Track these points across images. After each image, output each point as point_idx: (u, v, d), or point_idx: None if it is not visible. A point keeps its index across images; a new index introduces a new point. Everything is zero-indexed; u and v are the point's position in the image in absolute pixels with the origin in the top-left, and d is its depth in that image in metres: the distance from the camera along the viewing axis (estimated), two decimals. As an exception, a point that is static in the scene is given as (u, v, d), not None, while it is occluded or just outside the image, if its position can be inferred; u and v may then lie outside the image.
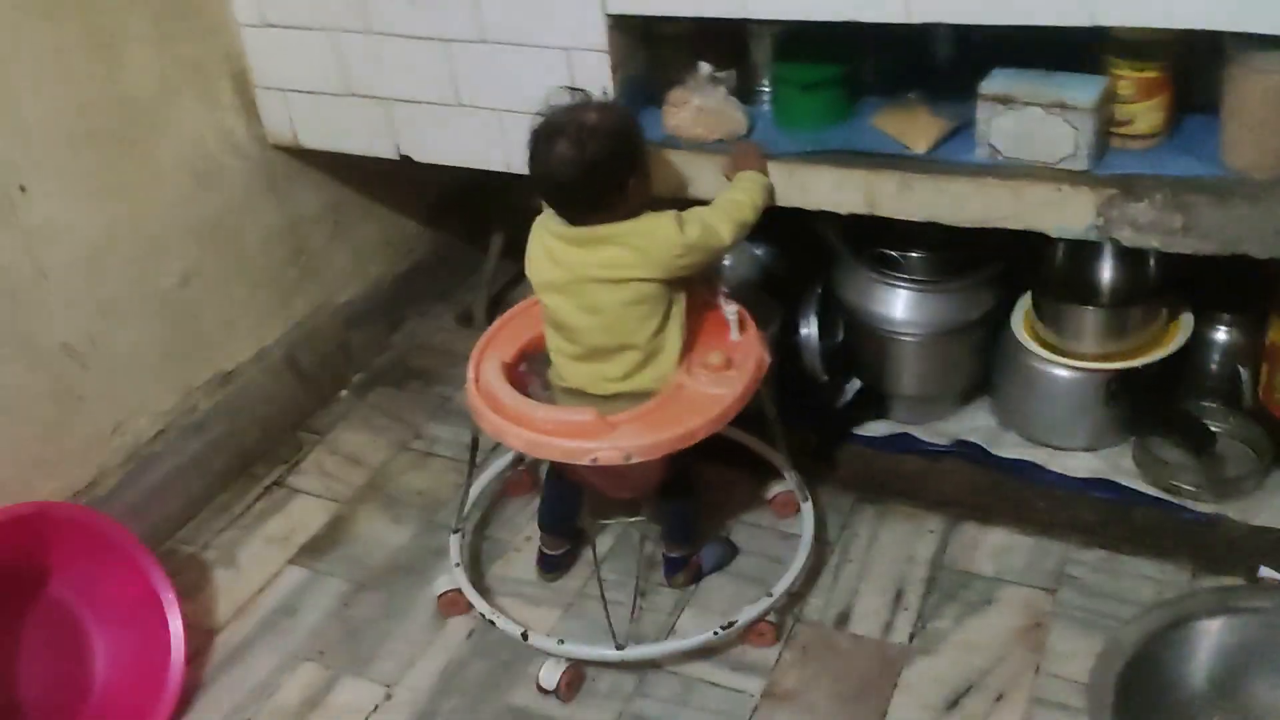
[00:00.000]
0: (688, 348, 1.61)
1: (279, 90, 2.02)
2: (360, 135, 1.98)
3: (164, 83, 1.90)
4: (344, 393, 2.36)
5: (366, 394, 2.35)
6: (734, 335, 1.65)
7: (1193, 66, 1.52)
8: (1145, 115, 1.50)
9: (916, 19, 1.46)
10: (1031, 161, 1.52)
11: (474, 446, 1.78)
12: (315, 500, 2.08)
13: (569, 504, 1.77)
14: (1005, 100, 1.50)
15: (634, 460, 1.49)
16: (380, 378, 2.39)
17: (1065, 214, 1.50)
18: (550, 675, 1.63)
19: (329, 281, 2.33)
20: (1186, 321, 1.75)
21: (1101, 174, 1.49)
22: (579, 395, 1.62)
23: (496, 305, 2.52)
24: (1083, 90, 1.47)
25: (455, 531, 1.85)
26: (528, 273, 1.62)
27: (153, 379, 1.99)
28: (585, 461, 1.50)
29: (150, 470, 1.98)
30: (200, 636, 1.80)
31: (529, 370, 1.72)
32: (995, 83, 1.52)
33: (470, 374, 1.66)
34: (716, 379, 1.57)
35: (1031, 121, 1.49)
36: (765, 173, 1.64)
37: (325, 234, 2.30)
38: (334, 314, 2.33)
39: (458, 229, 2.61)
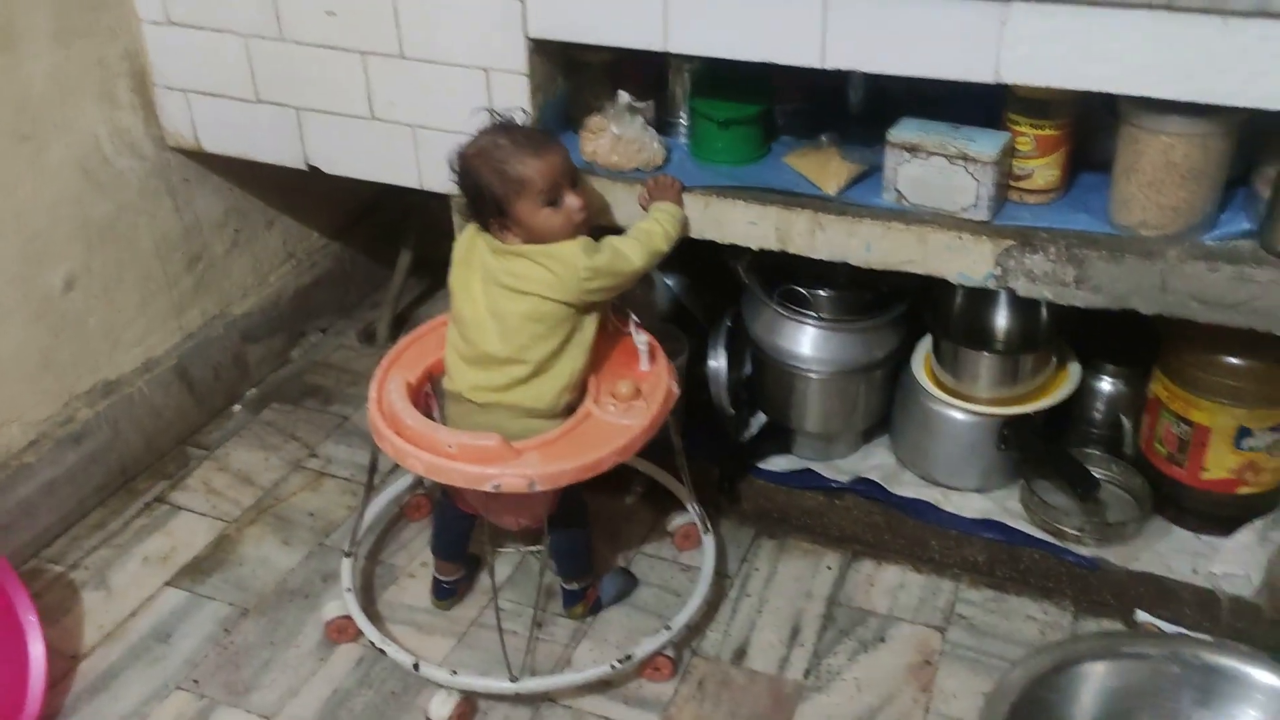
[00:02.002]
0: (595, 374, 1.66)
1: (181, 91, 2.01)
2: (267, 143, 1.98)
3: (60, 78, 1.88)
4: (237, 408, 2.33)
5: (261, 410, 2.33)
6: (644, 365, 1.70)
7: (1090, 125, 1.63)
8: (1043, 171, 1.60)
9: (830, 65, 1.54)
10: (935, 209, 1.61)
11: (372, 467, 1.78)
12: (199, 519, 2.05)
13: (461, 530, 1.79)
14: (912, 149, 1.59)
15: (538, 489, 1.52)
16: (276, 394, 2.38)
17: (966, 262, 1.59)
18: (441, 708, 1.64)
19: (226, 291, 2.31)
20: (1074, 371, 1.85)
21: (1000, 225, 1.58)
22: (459, 401, 1.66)
23: (401, 323, 2.55)
24: (985, 144, 1.56)
25: (347, 555, 1.84)
26: (454, 258, 1.67)
27: (28, 386, 1.94)
28: (487, 488, 1.52)
29: (20, 482, 1.93)
30: (63, 662, 1.76)
31: (434, 392, 1.74)
32: (903, 131, 1.60)
33: (372, 392, 1.67)
34: (625, 409, 1.61)
35: (936, 171, 1.58)
36: (681, 204, 1.70)
37: (225, 242, 2.28)
38: (230, 325, 2.31)
39: (365, 244, 2.62)
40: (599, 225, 1.74)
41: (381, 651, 1.70)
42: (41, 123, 1.87)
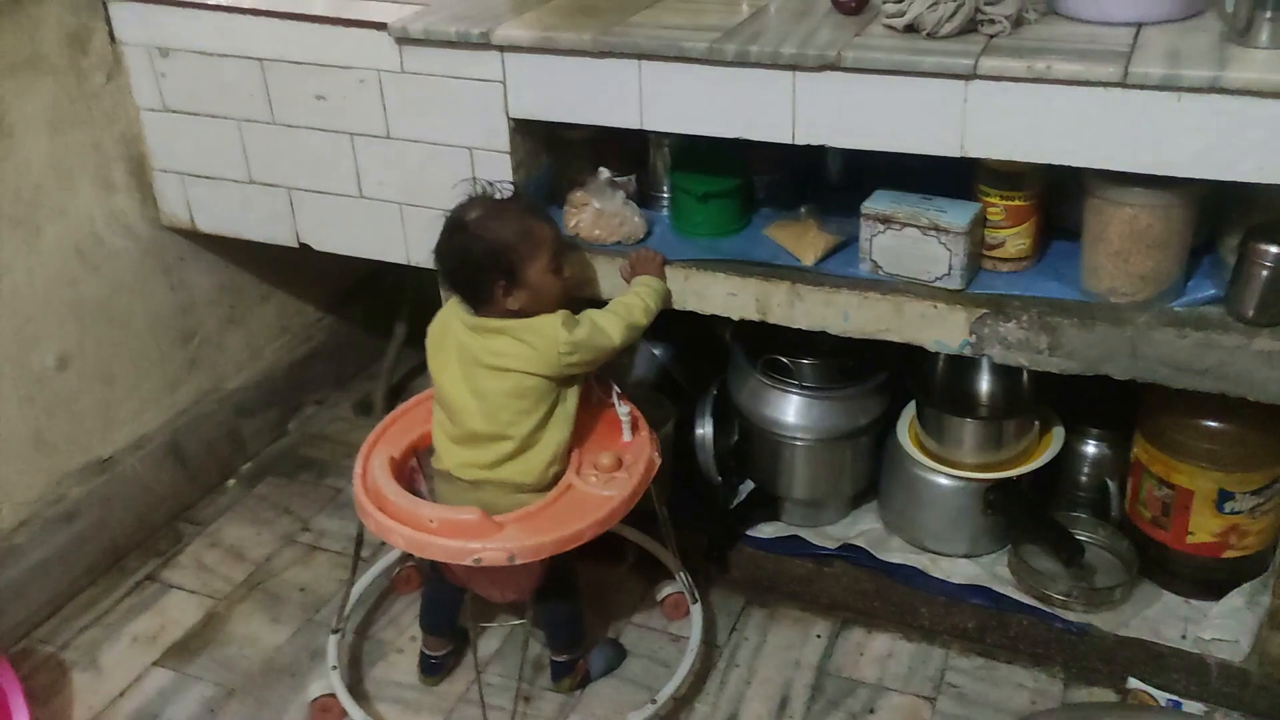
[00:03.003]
0: (578, 445, 1.70)
1: (177, 174, 2.09)
2: (260, 222, 2.06)
3: (55, 163, 1.96)
4: (231, 482, 2.38)
5: (255, 485, 2.37)
6: (626, 436, 1.74)
7: (1060, 195, 1.68)
8: (1014, 240, 1.66)
9: (801, 140, 1.60)
10: (910, 279, 1.66)
11: (358, 542, 1.82)
12: (189, 596, 2.08)
13: (449, 604, 1.82)
14: (885, 220, 1.65)
15: (518, 561, 1.56)
16: (270, 468, 2.42)
17: (941, 330, 1.64)
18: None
19: (220, 367, 2.37)
20: (1058, 435, 1.89)
21: (974, 293, 1.64)
22: (449, 480, 1.70)
23: (396, 395, 2.60)
24: (956, 214, 1.62)
25: (335, 632, 1.87)
26: (428, 343, 1.72)
27: (19, 465, 1.99)
28: (468, 561, 1.56)
29: (10, 564, 1.97)
30: (56, 743, 1.79)
31: (419, 466, 1.79)
32: (877, 203, 1.66)
33: (358, 468, 1.72)
34: (606, 480, 1.65)
35: (909, 241, 1.64)
36: (663, 278, 1.76)
37: (219, 318, 2.35)
38: (224, 400, 2.37)
39: (359, 318, 2.69)
40: (581, 297, 1.80)
41: (365, 728, 1.72)
42: (37, 207, 1.95)
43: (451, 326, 1.68)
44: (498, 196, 1.66)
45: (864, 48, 1.53)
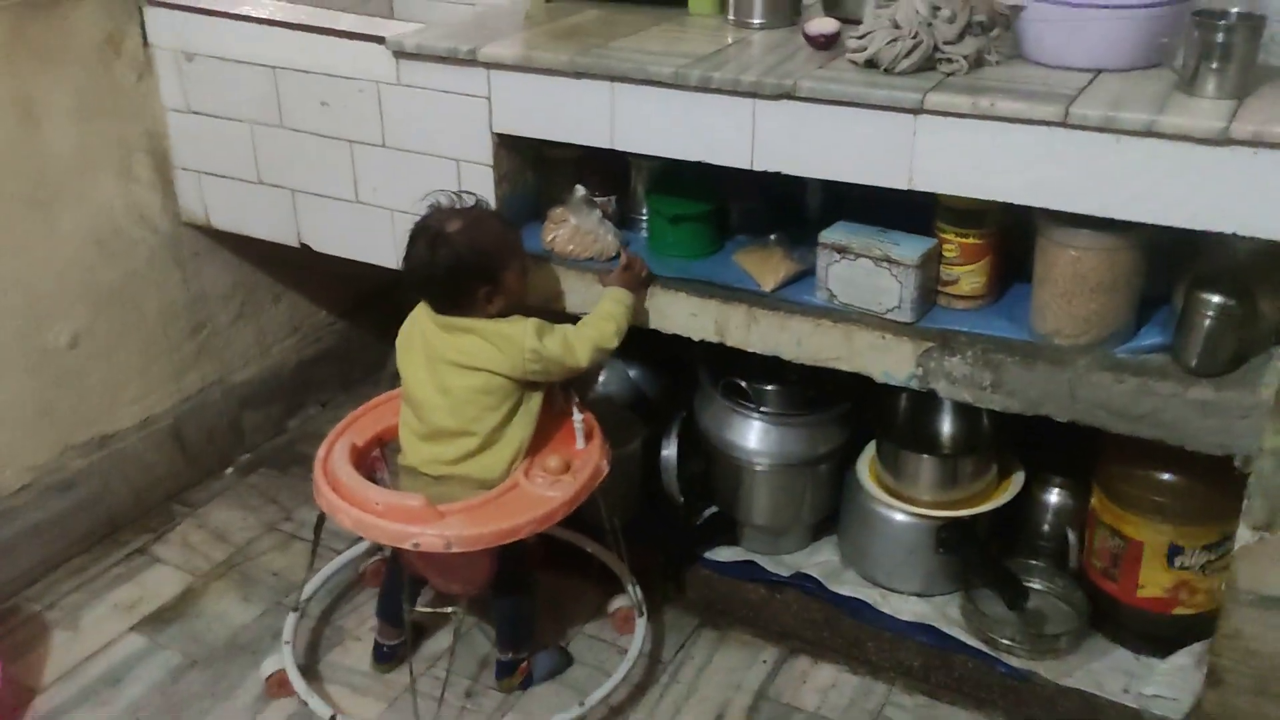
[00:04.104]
0: (535, 448, 1.75)
1: (195, 172, 2.21)
2: (266, 221, 2.16)
3: (83, 153, 2.09)
4: (229, 470, 2.48)
5: (249, 474, 2.47)
6: (579, 443, 1.79)
7: (1024, 236, 1.68)
8: (969, 277, 1.67)
9: (759, 167, 1.65)
10: (862, 309, 1.69)
11: (319, 523, 1.86)
12: (172, 571, 2.17)
13: (406, 594, 1.85)
14: (841, 250, 1.68)
15: (454, 549, 1.61)
16: (266, 460, 2.51)
17: (889, 361, 1.66)
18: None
19: (228, 359, 2.47)
20: (1018, 479, 1.89)
21: (923, 327, 1.66)
22: (414, 475, 1.75)
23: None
24: (908, 248, 1.64)
25: (294, 610, 1.94)
26: (398, 343, 1.78)
27: (25, 433, 2.11)
28: (407, 545, 1.62)
29: (6, 524, 2.08)
30: (21, 695, 1.88)
31: (381, 456, 1.86)
32: (834, 233, 1.70)
33: (321, 452, 1.79)
34: (551, 482, 1.70)
35: (863, 272, 1.67)
36: (639, 291, 1.80)
37: (231, 312, 2.45)
38: (229, 392, 2.47)
39: (373, 325, 2.76)
40: (549, 310, 1.86)
41: (304, 704, 1.78)
42: (59, 191, 2.07)
43: (420, 326, 1.75)
44: (458, 206, 1.73)
45: (820, 79, 1.58)
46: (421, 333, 1.75)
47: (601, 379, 2.19)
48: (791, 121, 1.60)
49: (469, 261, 1.67)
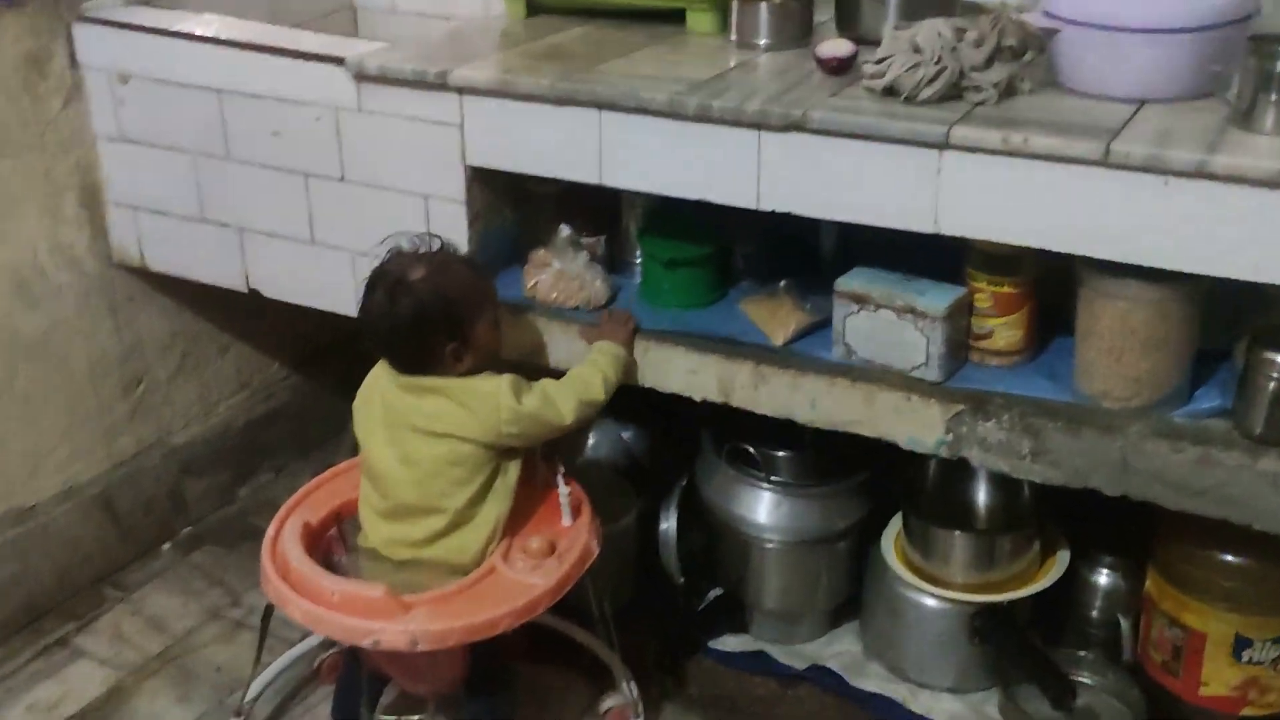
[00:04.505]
0: (514, 526, 1.77)
1: (130, 208, 2.25)
2: (210, 263, 2.20)
3: (2, 189, 2.13)
4: (167, 546, 2.49)
5: (191, 551, 2.48)
6: (565, 520, 1.80)
7: (1063, 285, 1.70)
8: (1004, 331, 1.70)
9: (766, 206, 1.68)
10: (884, 366, 1.71)
11: (266, 614, 1.89)
12: (98, 666, 2.18)
13: (366, 694, 1.85)
14: (860, 300, 1.71)
15: (421, 648, 1.62)
16: (212, 535, 2.53)
17: (915, 425, 1.68)
18: None
19: (167, 419, 2.50)
20: (1062, 559, 1.90)
21: (953, 387, 1.68)
22: (376, 559, 1.77)
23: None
24: (935, 298, 1.67)
25: (238, 715, 1.96)
26: (355, 406, 1.81)
27: (-68, 507, 2.13)
28: (365, 644, 1.62)
29: (-85, 611, 2.10)
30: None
31: (339, 535, 1.88)
32: (852, 281, 1.73)
33: (270, 531, 1.81)
34: (533, 566, 1.71)
35: (884, 324, 1.69)
36: (628, 345, 1.82)
37: (170, 366, 2.48)
38: (168, 456, 2.50)
39: (332, 379, 2.77)
40: (529, 366, 1.88)
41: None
42: (-25, 233, 2.11)
43: (380, 387, 1.77)
44: (421, 250, 1.76)
45: (833, 108, 1.61)
46: (381, 395, 1.77)
47: (590, 442, 2.22)
48: (802, 156, 1.63)
49: (434, 312, 1.69)
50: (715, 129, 1.67)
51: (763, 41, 1.89)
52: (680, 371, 1.82)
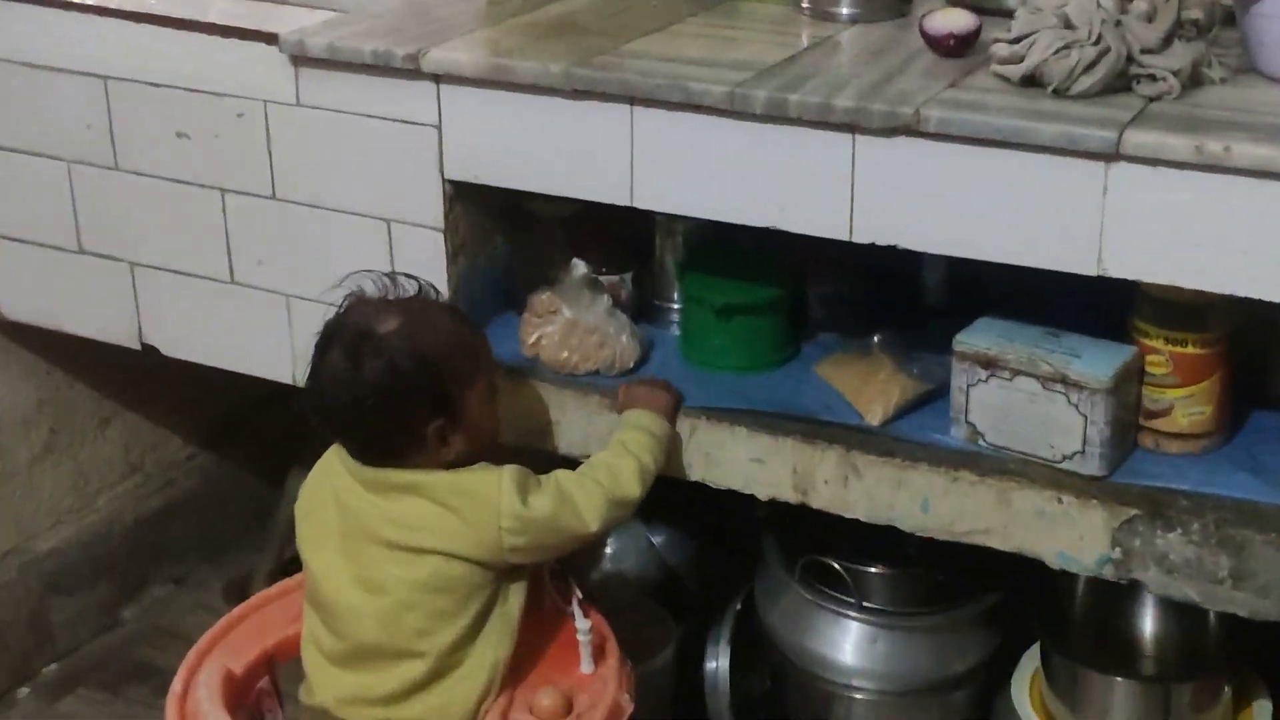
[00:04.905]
0: (517, 674, 1.69)
1: (-16, 236, 2.21)
2: (90, 311, 2.15)
3: None
4: (24, 691, 2.42)
5: (60, 697, 2.41)
6: (585, 665, 1.72)
7: (1266, 343, 1.67)
8: (1187, 406, 1.64)
9: (862, 238, 1.62)
10: (1023, 454, 1.65)
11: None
12: None
13: None
14: (989, 364, 1.65)
15: None
16: (88, 674, 2.46)
17: (1069, 537, 1.62)
18: None
19: (27, 518, 2.44)
20: (1262, 710, 1.83)
21: (1119, 483, 1.62)
22: (324, 720, 1.69)
23: (288, 574, 2.60)
24: (1094, 362, 1.61)
25: None
26: (298, 509, 1.74)
27: None
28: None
29: None
30: None
31: (272, 689, 1.79)
32: (978, 337, 1.67)
33: (176, 685, 1.71)
34: (544, 731, 1.64)
35: (1024, 398, 1.63)
36: (670, 416, 1.77)
37: (33, 446, 2.43)
38: (27, 568, 2.43)
39: (247, 457, 2.75)
40: (531, 454, 1.81)
41: None
42: None
43: (333, 485, 1.70)
44: (391, 296, 1.70)
45: (958, 105, 1.56)
46: (336, 494, 1.69)
47: (609, 550, 2.17)
48: (913, 170, 1.58)
49: (413, 380, 1.62)
50: (792, 132, 1.63)
51: (845, 11, 1.88)
52: (740, 461, 1.78)
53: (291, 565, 2.60)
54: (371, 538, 1.65)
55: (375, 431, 1.64)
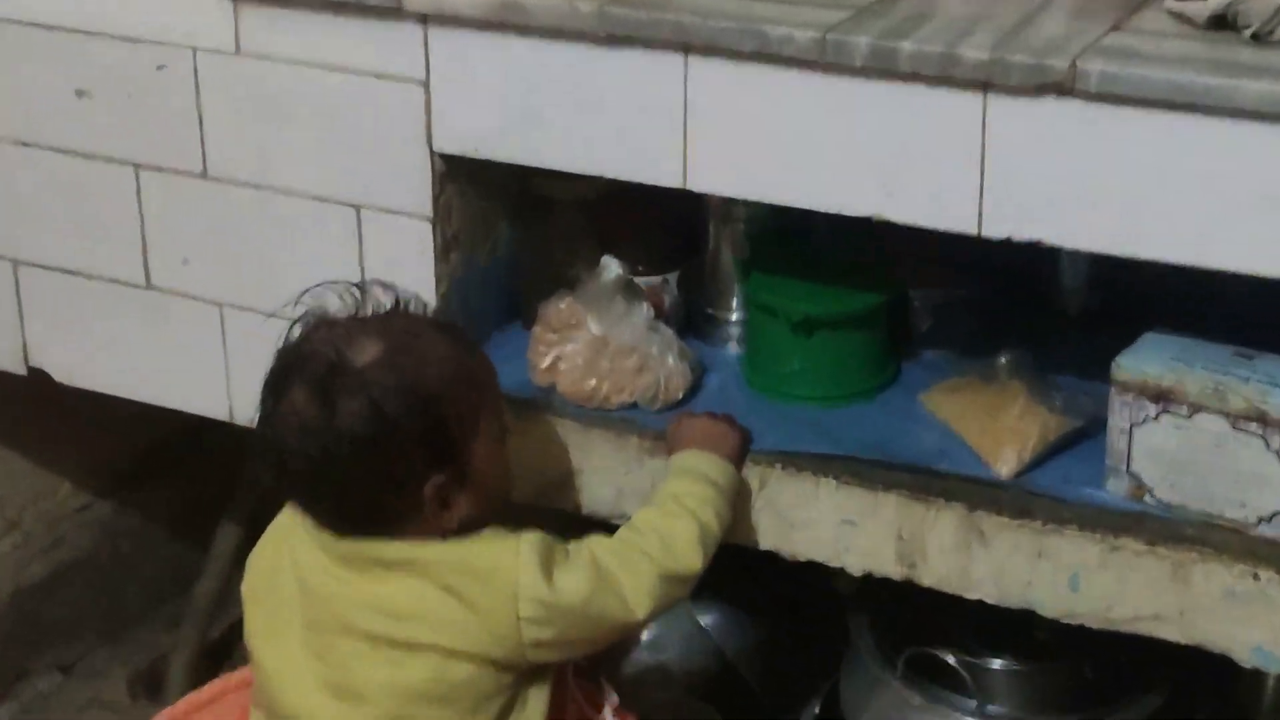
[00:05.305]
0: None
1: None
2: (-44, 323, 2.15)
3: None
4: None
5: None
6: (621, 789, 1.73)
7: None
8: None
9: (994, 231, 1.60)
10: (1208, 516, 1.62)
11: None
12: None
13: None
14: (1160, 396, 1.63)
15: None
16: (-54, 792, 2.47)
17: (1269, 625, 1.59)
18: None
19: None
20: None
21: (1339, 556, 1.59)
22: None
23: (215, 663, 2.60)
24: (1303, 393, 1.59)
25: None
26: (245, 589, 1.72)
27: None
28: None
29: None
30: None
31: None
32: (1144, 359, 1.65)
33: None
34: None
35: (1208, 442, 1.61)
36: (737, 461, 1.74)
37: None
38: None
39: (159, 508, 2.74)
40: (546, 515, 1.78)
41: None
42: None
43: (293, 558, 1.68)
44: (364, 313, 1.68)
45: (1126, 55, 1.54)
46: (297, 571, 1.67)
47: (646, 635, 2.15)
48: (1064, 141, 1.56)
49: (402, 428, 1.60)
50: (903, 92, 1.61)
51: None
52: (826, 524, 1.76)
53: (220, 649, 2.61)
54: (347, 629, 1.62)
55: (354, 495, 1.61)
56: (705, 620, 2.15)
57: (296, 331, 1.69)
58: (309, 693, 1.64)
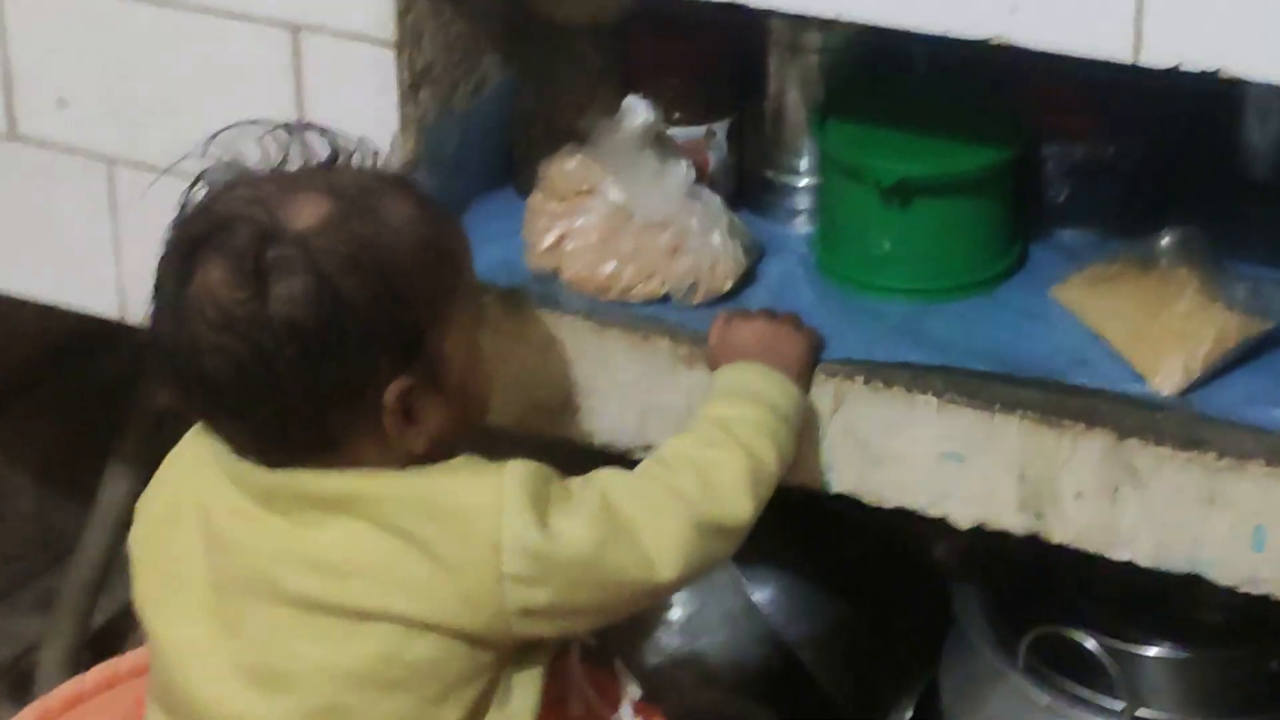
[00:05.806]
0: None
1: None
2: None
3: None
4: None
5: None
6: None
7: None
8: None
9: (1151, 60, 1.59)
10: None
11: None
12: None
13: None
14: None
15: None
16: None
17: None
18: None
19: None
20: None
21: None
22: None
23: (100, 648, 2.64)
24: None
25: None
26: (131, 546, 1.74)
27: None
28: None
29: None
30: None
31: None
32: None
33: None
34: None
35: None
36: (803, 376, 1.77)
37: None
38: None
39: (22, 449, 2.79)
40: (545, 442, 1.82)
41: None
42: None
43: (200, 498, 1.70)
44: (303, 165, 1.70)
45: None
46: (204, 516, 1.69)
47: (680, 613, 2.18)
48: None
49: (358, 312, 1.60)
50: None
51: None
52: (923, 457, 1.79)
53: (107, 638, 2.64)
54: (269, 592, 1.64)
55: (291, 407, 1.61)
56: (759, 596, 2.17)
57: (203, 190, 1.68)
58: (216, 678, 1.65)
